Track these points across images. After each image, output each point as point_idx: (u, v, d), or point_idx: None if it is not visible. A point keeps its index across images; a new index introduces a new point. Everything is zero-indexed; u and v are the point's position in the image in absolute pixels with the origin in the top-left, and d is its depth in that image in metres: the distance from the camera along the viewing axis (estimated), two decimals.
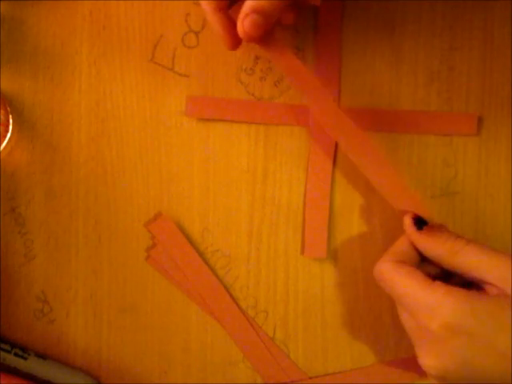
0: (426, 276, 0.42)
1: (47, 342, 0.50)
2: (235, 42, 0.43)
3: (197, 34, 0.50)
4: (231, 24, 0.43)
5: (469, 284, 0.43)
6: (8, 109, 0.48)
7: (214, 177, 0.50)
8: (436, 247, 0.43)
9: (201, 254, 0.50)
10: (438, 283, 0.41)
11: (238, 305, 0.50)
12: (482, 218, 0.51)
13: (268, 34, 0.43)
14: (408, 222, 0.44)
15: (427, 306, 0.40)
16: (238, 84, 0.50)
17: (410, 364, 0.50)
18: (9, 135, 0.48)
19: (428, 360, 0.41)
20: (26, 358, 0.48)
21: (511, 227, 0.51)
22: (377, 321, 0.51)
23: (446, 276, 0.44)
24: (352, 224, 0.51)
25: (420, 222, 0.44)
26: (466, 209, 0.51)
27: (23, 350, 0.49)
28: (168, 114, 0.50)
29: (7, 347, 0.48)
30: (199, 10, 0.49)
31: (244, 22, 0.41)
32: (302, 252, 0.51)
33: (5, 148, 0.48)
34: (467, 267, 0.42)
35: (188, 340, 0.50)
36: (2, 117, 0.48)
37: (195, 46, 0.50)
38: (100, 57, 0.49)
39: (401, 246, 0.45)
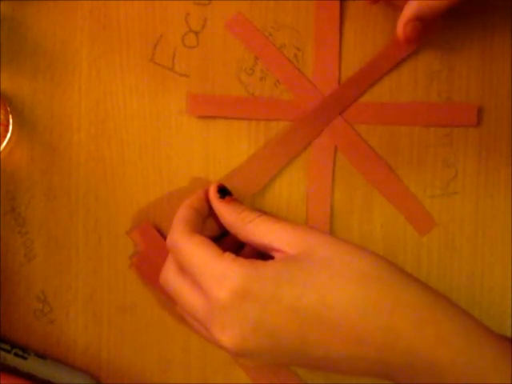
0: (218, 248, 0.43)
1: (47, 341, 0.50)
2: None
3: (197, 33, 0.50)
4: None
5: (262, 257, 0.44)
6: (8, 109, 0.48)
7: (214, 176, 0.50)
8: (232, 214, 0.46)
9: None
10: (227, 254, 0.42)
11: None
12: (482, 217, 0.51)
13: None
14: (213, 189, 0.47)
15: (216, 274, 0.41)
16: (237, 84, 0.50)
17: None
18: (9, 135, 0.48)
19: (224, 333, 0.41)
20: (25, 358, 0.48)
21: (511, 227, 0.51)
22: None
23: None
24: (352, 224, 0.51)
25: (223, 192, 0.47)
26: (465, 209, 0.51)
27: (23, 350, 0.49)
28: (168, 114, 0.50)
29: (7, 347, 0.48)
30: (199, 10, 0.49)
31: (406, 28, 0.46)
32: None
33: (5, 148, 0.48)
34: (257, 235, 0.44)
35: (188, 340, 0.50)
36: (2, 117, 0.48)
37: (195, 46, 0.50)
38: (100, 57, 0.49)
39: (188, 213, 0.46)
